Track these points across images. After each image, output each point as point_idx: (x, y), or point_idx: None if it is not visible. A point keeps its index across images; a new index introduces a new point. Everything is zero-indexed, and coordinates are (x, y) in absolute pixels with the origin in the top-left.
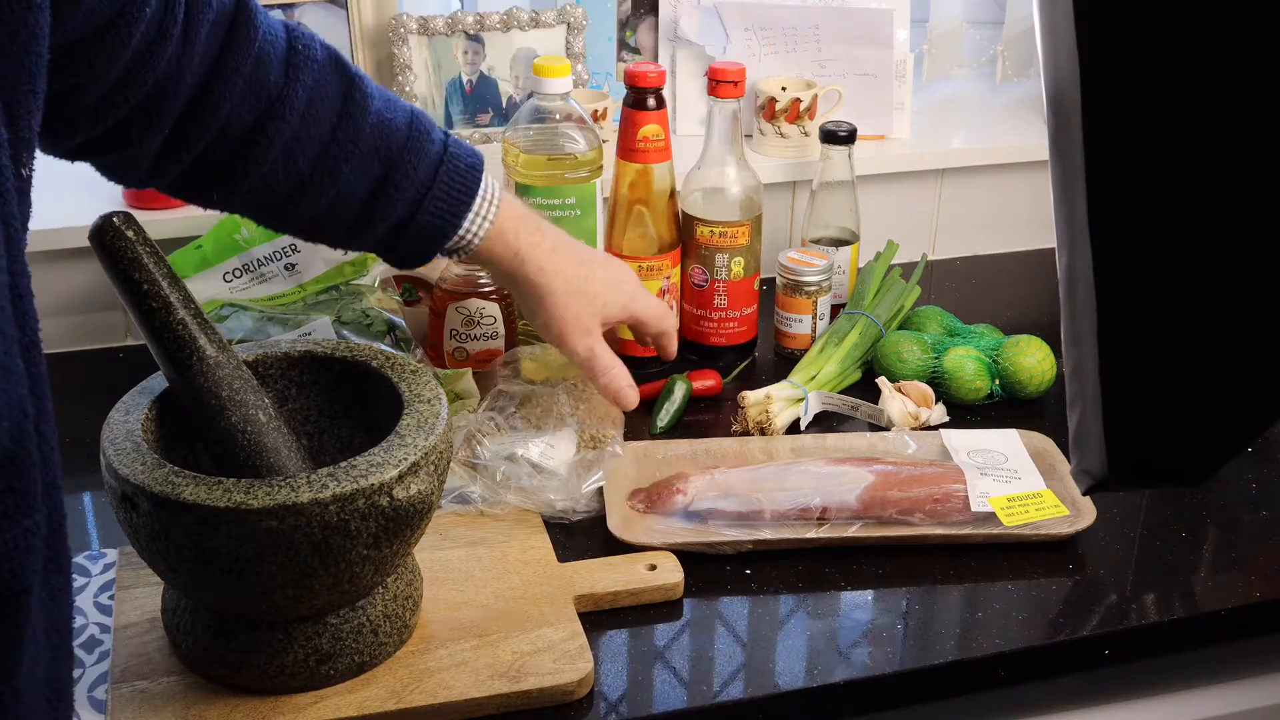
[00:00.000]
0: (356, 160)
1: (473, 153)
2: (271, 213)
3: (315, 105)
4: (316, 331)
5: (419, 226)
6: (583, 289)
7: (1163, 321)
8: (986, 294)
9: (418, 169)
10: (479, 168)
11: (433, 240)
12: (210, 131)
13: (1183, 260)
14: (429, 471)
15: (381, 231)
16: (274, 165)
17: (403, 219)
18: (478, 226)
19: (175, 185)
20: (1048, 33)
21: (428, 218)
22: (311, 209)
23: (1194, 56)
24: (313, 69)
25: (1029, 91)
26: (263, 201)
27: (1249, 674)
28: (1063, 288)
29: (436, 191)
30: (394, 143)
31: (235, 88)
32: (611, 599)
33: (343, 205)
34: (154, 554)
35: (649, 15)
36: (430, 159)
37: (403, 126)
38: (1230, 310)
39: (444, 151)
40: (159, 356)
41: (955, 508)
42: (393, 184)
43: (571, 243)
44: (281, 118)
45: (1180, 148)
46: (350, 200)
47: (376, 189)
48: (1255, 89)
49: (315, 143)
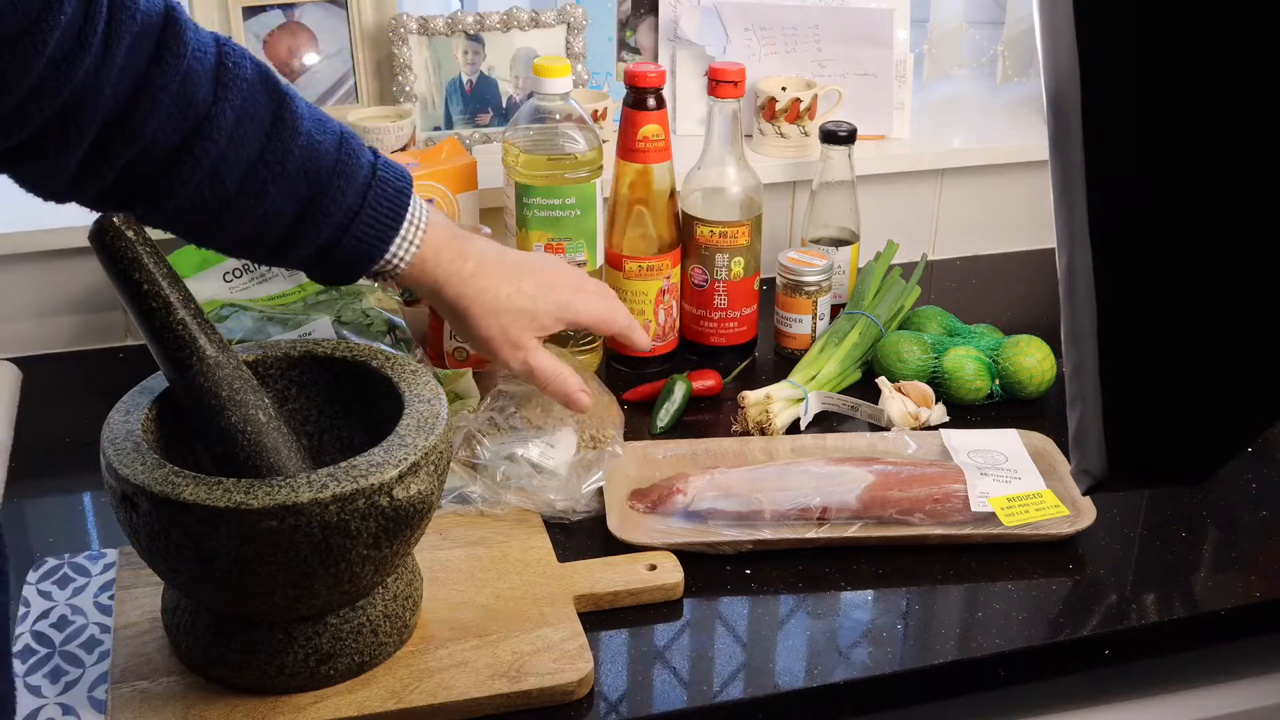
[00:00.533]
0: (284, 182)
1: (401, 174)
2: (196, 231)
3: (244, 125)
4: (316, 331)
5: (345, 251)
6: (506, 306)
7: (1163, 321)
8: (986, 294)
9: (345, 193)
10: (407, 192)
11: (358, 264)
12: (134, 148)
13: (1183, 260)
14: (429, 471)
15: (306, 253)
16: (200, 185)
17: (329, 243)
18: (404, 252)
19: (97, 201)
20: (1048, 33)
21: (354, 242)
22: (237, 229)
23: (1194, 56)
24: (242, 88)
25: (1029, 91)
26: (188, 220)
27: (1249, 674)
28: (1063, 288)
29: (364, 216)
30: (323, 165)
31: (162, 105)
32: (611, 599)
33: (269, 226)
34: (154, 554)
35: (649, 15)
36: (359, 183)
37: (332, 149)
38: (1230, 310)
39: (372, 176)
40: (159, 356)
41: (955, 508)
42: (320, 208)
43: (498, 259)
44: (209, 137)
45: (1180, 147)
46: (276, 222)
47: (303, 211)
48: (1255, 89)
49: (243, 163)
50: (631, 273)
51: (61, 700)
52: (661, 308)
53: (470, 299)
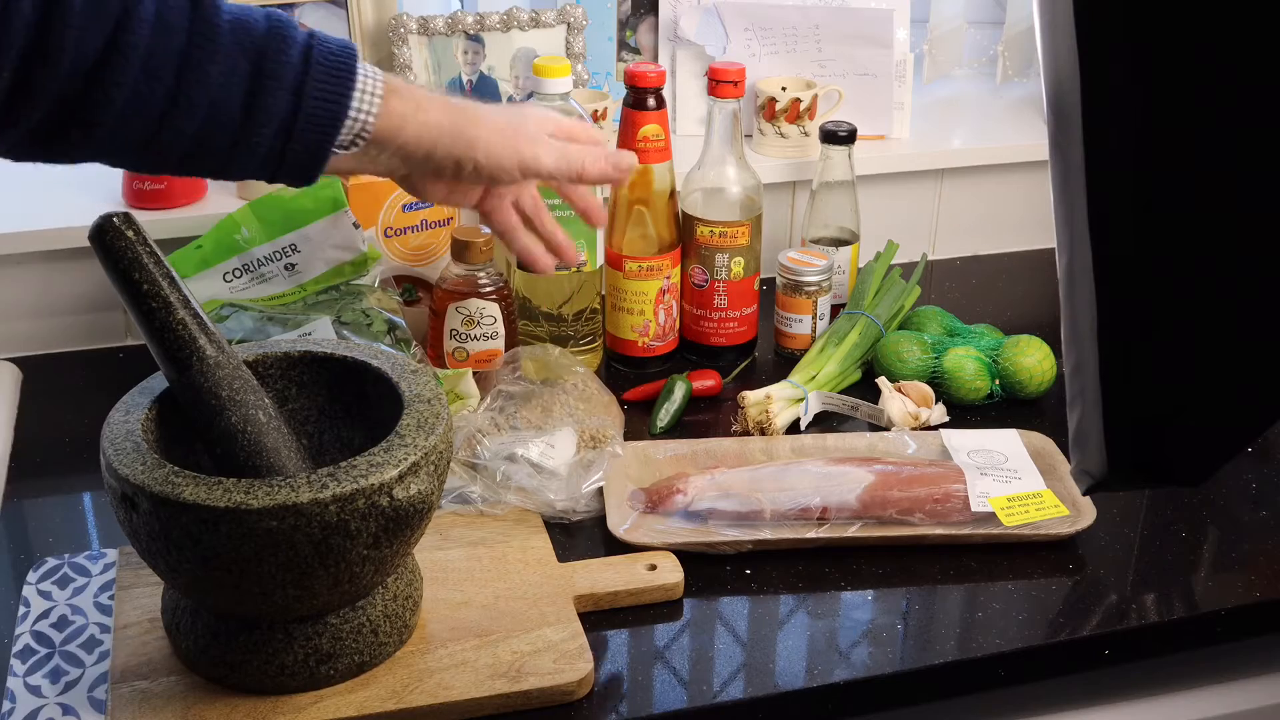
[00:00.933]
0: (221, 58)
1: (338, 39)
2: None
3: (165, 12)
4: (316, 331)
5: (308, 116)
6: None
7: (1162, 322)
8: (986, 294)
9: (289, 54)
10: (350, 46)
11: (326, 130)
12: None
13: (1182, 260)
14: (429, 471)
15: (269, 133)
16: (136, 84)
17: (288, 111)
18: (369, 105)
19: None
20: (1048, 33)
21: (314, 104)
22: (188, 125)
23: (1194, 56)
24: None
25: (1029, 91)
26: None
27: (1249, 674)
28: (1063, 288)
29: (314, 73)
30: (255, 35)
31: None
32: (611, 599)
33: (221, 114)
34: (154, 554)
35: (649, 15)
36: (298, 44)
37: (260, 20)
38: (1230, 310)
39: (310, 37)
40: (159, 356)
41: (955, 508)
42: (268, 74)
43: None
44: (133, 30)
45: (1179, 148)
46: (227, 106)
47: (252, 86)
48: (1255, 89)
49: (173, 51)
50: (631, 273)
51: (61, 700)
52: (661, 308)
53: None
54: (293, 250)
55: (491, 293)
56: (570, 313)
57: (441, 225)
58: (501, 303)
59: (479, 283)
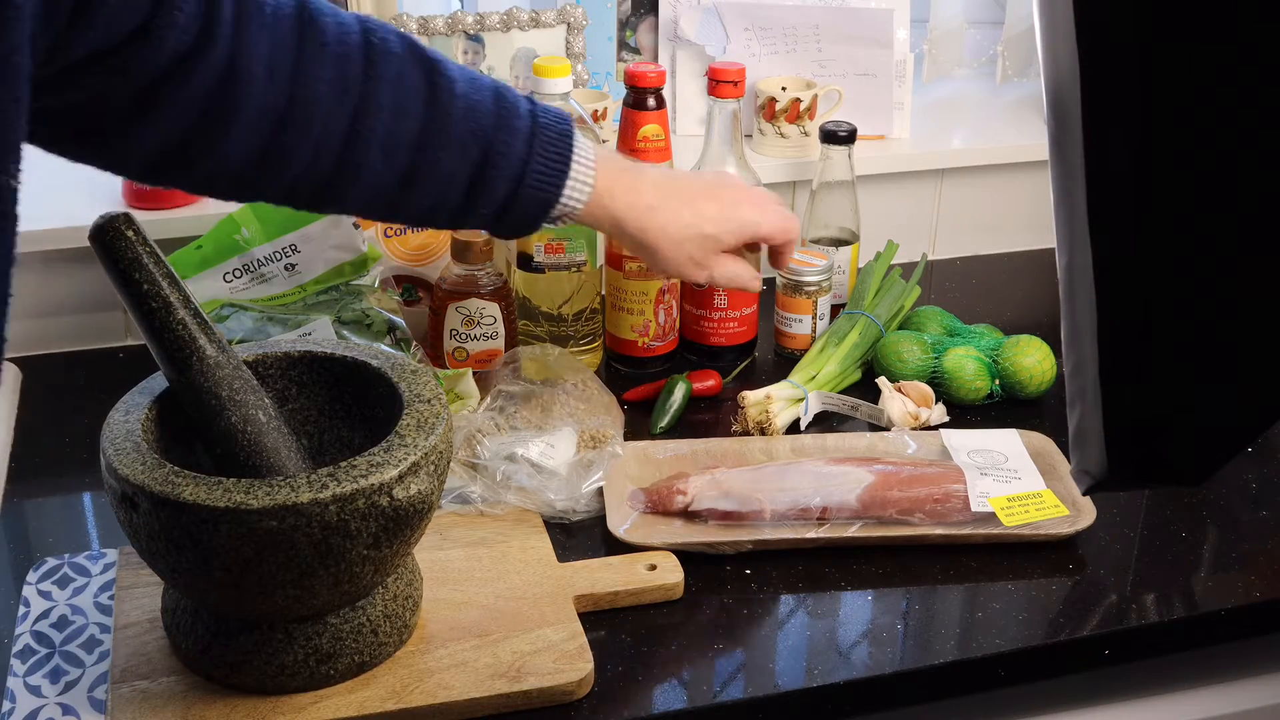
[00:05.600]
0: (453, 146)
1: (561, 117)
2: (382, 212)
3: (402, 98)
4: (316, 331)
5: (523, 202)
6: (689, 234)
7: (1162, 322)
8: (986, 294)
9: (512, 145)
10: (569, 133)
11: (538, 213)
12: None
13: (1182, 260)
14: (429, 471)
15: (488, 212)
16: (375, 164)
17: (507, 197)
18: (578, 192)
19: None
20: (1048, 33)
21: (530, 191)
22: (420, 203)
23: (1194, 57)
24: (393, 62)
25: (1029, 91)
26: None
27: (1249, 674)
28: (1063, 288)
29: (535, 164)
30: (485, 123)
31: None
32: (611, 599)
33: (447, 194)
34: (154, 554)
35: (649, 15)
36: (523, 133)
37: (490, 105)
38: (1230, 310)
39: (534, 123)
40: (159, 356)
41: (955, 508)
42: (491, 164)
43: (674, 188)
44: (373, 115)
45: (1179, 148)
46: (453, 188)
47: (475, 173)
48: (1255, 89)
49: (410, 135)
50: (631, 273)
51: (61, 700)
52: (661, 308)
53: (654, 232)
54: (293, 250)
55: (491, 293)
56: (570, 313)
57: None
58: (501, 303)
59: (479, 283)
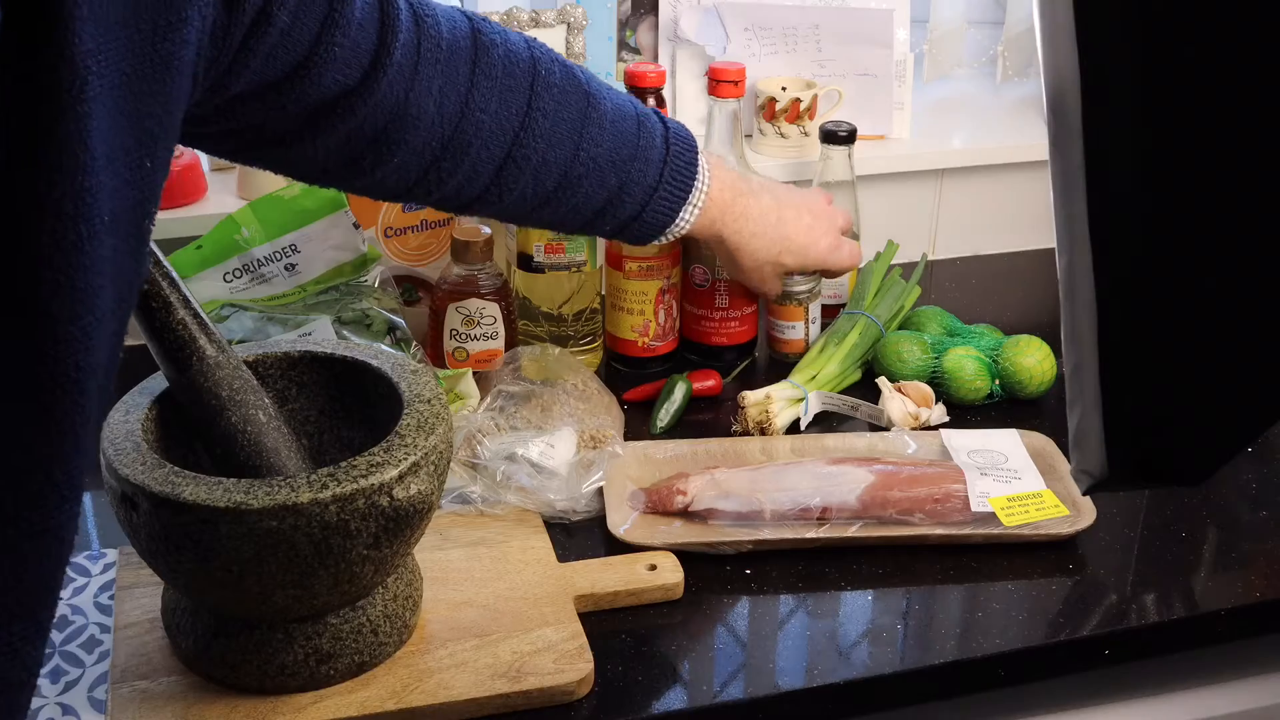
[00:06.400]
0: (595, 175)
1: (689, 143)
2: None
3: (558, 128)
4: (316, 331)
5: (643, 223)
6: (770, 259)
7: (1162, 322)
8: (986, 294)
9: (646, 175)
10: (695, 162)
11: (654, 233)
12: (462, 166)
13: (1182, 260)
14: (429, 471)
15: (609, 229)
16: (524, 189)
17: (631, 218)
18: (691, 215)
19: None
20: (1048, 33)
21: (652, 215)
22: (552, 218)
23: (1194, 57)
24: (554, 94)
25: (1029, 91)
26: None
27: (1249, 674)
28: (1063, 288)
29: (661, 192)
30: (625, 154)
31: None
32: (611, 599)
33: (580, 213)
34: (154, 554)
35: (649, 15)
36: (656, 162)
37: (632, 134)
38: (1230, 310)
39: (666, 151)
40: (159, 356)
41: (955, 508)
42: (625, 191)
43: (778, 219)
44: (529, 145)
45: (1180, 148)
46: (586, 208)
47: (610, 197)
48: (1255, 89)
49: (560, 164)
50: (631, 273)
51: (61, 700)
52: (661, 308)
53: (746, 254)
54: (293, 250)
55: (491, 293)
56: (570, 313)
57: (441, 225)
58: (501, 303)
59: (479, 283)
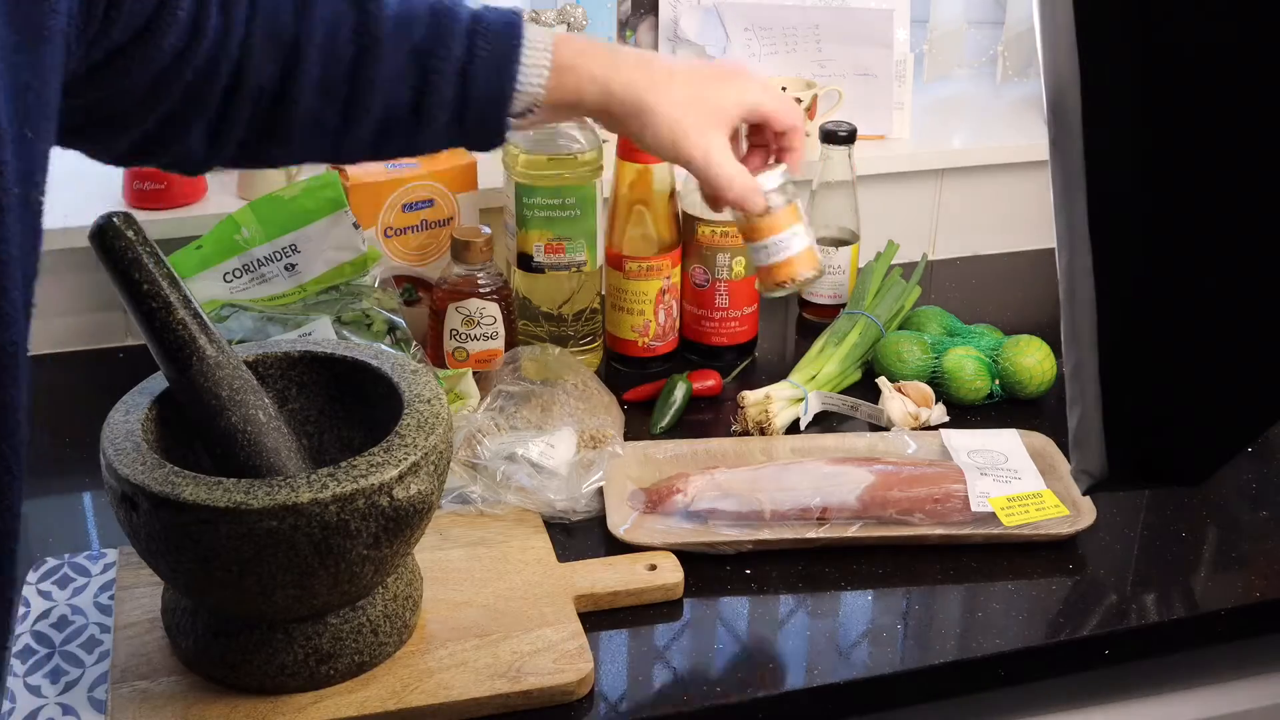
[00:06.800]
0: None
1: (507, 14)
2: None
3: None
4: (316, 331)
5: (476, 100)
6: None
7: (1162, 321)
8: (986, 294)
9: (452, 49)
10: (516, 23)
11: (496, 109)
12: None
13: (1182, 260)
14: (429, 471)
15: (445, 120)
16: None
17: (456, 100)
18: (537, 77)
19: (234, 160)
20: (1048, 33)
21: (479, 89)
22: (368, 129)
23: (1193, 57)
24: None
25: (1029, 91)
26: (319, 142)
27: (1249, 674)
28: (1063, 288)
29: (477, 63)
30: (418, 35)
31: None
32: (611, 599)
33: (395, 112)
34: (154, 554)
35: (649, 15)
36: (460, 34)
37: (424, 14)
38: (1230, 310)
39: (473, 22)
40: (159, 356)
41: (955, 508)
42: (432, 70)
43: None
44: (307, 58)
45: (1179, 148)
46: (398, 105)
47: (419, 85)
48: (1255, 89)
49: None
50: (631, 273)
51: (61, 700)
52: (661, 308)
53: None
54: (293, 250)
55: (491, 293)
56: (570, 313)
57: (441, 225)
58: (501, 303)
59: (479, 283)
